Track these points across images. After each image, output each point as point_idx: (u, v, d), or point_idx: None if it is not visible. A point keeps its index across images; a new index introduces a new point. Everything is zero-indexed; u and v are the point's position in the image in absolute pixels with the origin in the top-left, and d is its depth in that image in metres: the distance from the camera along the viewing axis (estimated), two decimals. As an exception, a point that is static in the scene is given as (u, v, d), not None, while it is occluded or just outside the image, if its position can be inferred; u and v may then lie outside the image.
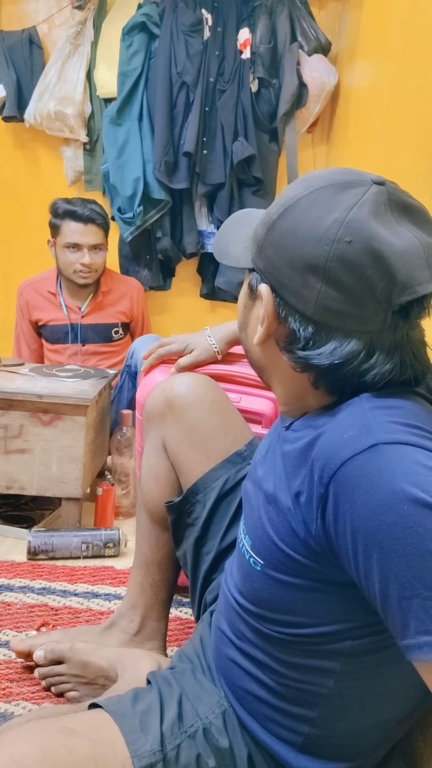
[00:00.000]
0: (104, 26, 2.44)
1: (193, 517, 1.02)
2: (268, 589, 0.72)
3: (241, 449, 1.03)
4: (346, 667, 0.70)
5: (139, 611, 1.12)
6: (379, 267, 0.63)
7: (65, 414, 1.61)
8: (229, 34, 2.31)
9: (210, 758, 0.75)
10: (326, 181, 0.66)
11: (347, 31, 2.31)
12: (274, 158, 2.44)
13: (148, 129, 2.37)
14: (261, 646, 0.76)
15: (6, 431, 1.62)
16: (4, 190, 2.67)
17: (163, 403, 1.06)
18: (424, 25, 1.36)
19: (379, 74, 1.78)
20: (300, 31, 2.33)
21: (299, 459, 0.68)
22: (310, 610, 0.69)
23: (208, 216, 2.48)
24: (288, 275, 0.67)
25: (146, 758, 0.71)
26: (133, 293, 2.35)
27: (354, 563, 0.60)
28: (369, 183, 0.65)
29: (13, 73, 2.45)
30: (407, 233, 0.64)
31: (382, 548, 0.57)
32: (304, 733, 0.74)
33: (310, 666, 0.71)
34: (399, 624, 0.57)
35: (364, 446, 0.59)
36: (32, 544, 1.53)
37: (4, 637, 1.25)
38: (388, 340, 0.66)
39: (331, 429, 0.64)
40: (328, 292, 0.64)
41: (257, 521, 0.74)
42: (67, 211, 2.15)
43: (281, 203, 0.68)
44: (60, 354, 2.30)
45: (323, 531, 0.63)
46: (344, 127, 2.25)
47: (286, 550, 0.68)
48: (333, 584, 0.66)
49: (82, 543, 1.55)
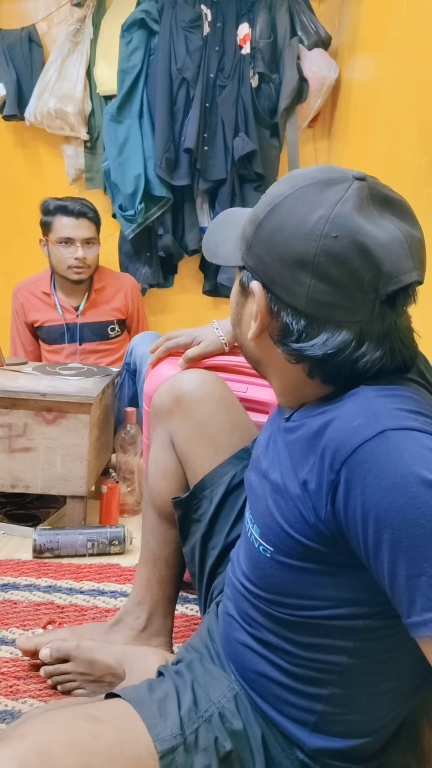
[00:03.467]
0: (103, 23, 2.43)
1: (200, 513, 1.02)
2: (279, 574, 0.73)
3: (247, 446, 1.04)
4: (359, 644, 0.71)
5: (146, 607, 1.12)
6: (365, 259, 0.65)
7: (69, 412, 1.61)
8: (229, 30, 2.31)
9: (226, 741, 0.76)
10: (310, 179, 0.69)
11: (347, 25, 2.30)
12: (276, 153, 2.43)
13: (149, 126, 2.37)
14: (272, 629, 0.77)
15: (10, 430, 1.63)
16: (5, 188, 2.67)
17: (172, 399, 1.07)
18: (424, 17, 1.36)
19: (380, 67, 1.77)
20: (300, 25, 2.32)
21: (306, 448, 0.70)
22: (321, 593, 0.71)
23: (210, 212, 2.48)
24: (278, 271, 0.69)
25: (168, 742, 0.73)
26: (126, 289, 2.34)
27: (364, 545, 0.62)
28: (351, 179, 0.68)
29: (13, 72, 2.45)
30: (390, 225, 0.66)
31: (392, 529, 0.59)
32: (318, 712, 0.75)
33: (322, 645, 0.73)
34: (406, 602, 0.59)
35: (373, 433, 0.62)
36: (38, 542, 1.54)
37: (11, 636, 1.25)
38: (377, 328, 0.69)
39: (340, 418, 0.66)
40: (318, 286, 0.67)
41: (265, 510, 0.75)
42: (58, 206, 2.15)
43: (267, 202, 0.71)
44: (58, 354, 2.29)
45: (333, 516, 0.65)
46: (345, 122, 2.25)
47: (296, 536, 0.70)
48: (343, 567, 0.68)
49: (88, 541, 1.55)
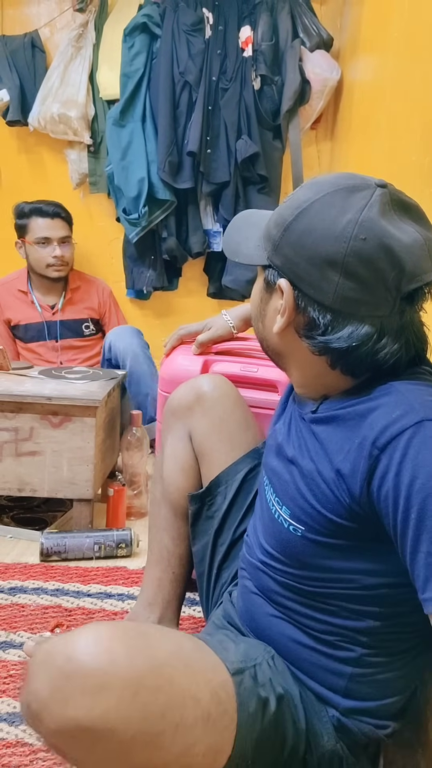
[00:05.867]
0: (106, 28, 2.44)
1: (214, 510, 1.07)
2: (309, 551, 0.79)
3: (258, 446, 1.09)
4: (384, 610, 0.77)
5: (157, 609, 1.12)
6: (390, 260, 0.72)
7: (75, 416, 1.61)
8: (231, 33, 2.31)
9: (278, 685, 0.80)
10: (335, 185, 0.75)
11: (349, 26, 2.30)
12: (278, 155, 2.44)
13: (152, 129, 2.37)
14: (300, 601, 0.82)
15: (17, 434, 1.63)
16: (10, 194, 2.68)
17: (192, 397, 1.13)
18: (425, 17, 1.36)
19: (382, 68, 1.78)
20: (301, 27, 2.32)
21: (342, 438, 0.76)
22: (348, 566, 0.77)
23: (214, 215, 2.48)
24: (307, 270, 0.75)
25: (235, 664, 0.79)
26: (99, 291, 2.46)
27: (393, 523, 0.69)
28: (373, 186, 0.74)
29: (16, 78, 2.46)
30: (410, 229, 0.73)
31: (420, 508, 0.66)
32: (347, 675, 0.80)
33: (349, 611, 0.78)
34: (422, 578, 0.65)
35: (412, 422, 0.68)
36: (45, 545, 1.54)
37: (19, 639, 1.26)
38: (396, 323, 0.75)
39: (379, 410, 0.73)
40: (346, 284, 0.73)
41: (296, 493, 0.81)
42: (33, 209, 2.27)
43: (295, 206, 0.77)
44: (34, 352, 2.34)
45: (368, 498, 0.71)
46: (348, 123, 2.25)
47: (329, 516, 0.76)
48: (371, 541, 0.74)
49: (95, 544, 1.55)
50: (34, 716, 0.67)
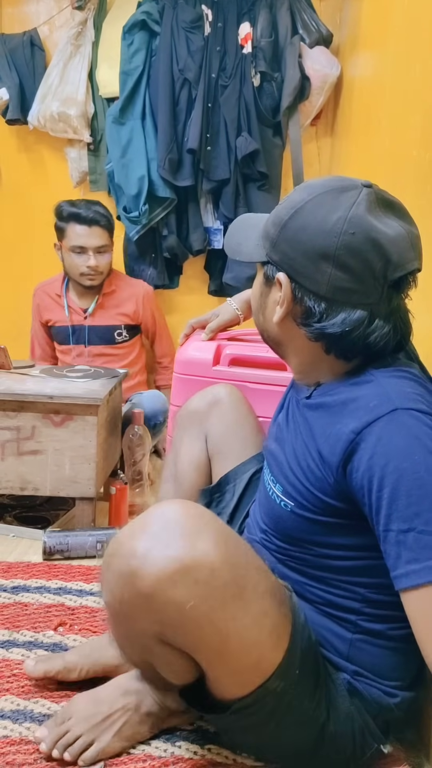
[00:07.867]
0: (105, 26, 2.43)
1: (222, 506, 1.15)
2: (297, 526, 0.88)
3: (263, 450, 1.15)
4: (373, 580, 0.84)
5: None
6: (378, 251, 0.80)
7: (76, 414, 1.61)
8: (230, 29, 2.30)
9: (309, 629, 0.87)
10: (325, 187, 0.84)
11: (349, 22, 2.30)
12: (279, 152, 2.43)
13: (152, 127, 2.37)
14: (297, 569, 0.91)
15: (18, 433, 1.63)
16: (10, 193, 2.68)
17: (210, 401, 1.24)
18: (426, 12, 1.35)
19: (382, 64, 1.77)
20: (301, 23, 2.31)
21: (326, 424, 0.84)
22: (334, 541, 0.85)
23: (214, 212, 2.48)
24: (302, 264, 0.83)
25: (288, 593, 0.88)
26: (138, 296, 2.33)
27: (369, 502, 0.76)
28: (360, 186, 0.82)
29: (16, 76, 2.45)
30: (394, 223, 0.81)
31: (392, 489, 0.73)
32: (348, 640, 0.88)
33: (339, 580, 0.87)
34: (393, 556, 0.72)
35: (386, 411, 0.77)
36: (47, 544, 1.54)
37: (22, 638, 1.26)
38: (385, 309, 0.83)
39: (358, 401, 0.81)
40: (338, 275, 0.81)
41: (288, 471, 0.90)
42: (71, 214, 2.16)
43: (290, 207, 0.85)
44: (66, 355, 2.32)
45: (344, 479, 0.79)
46: (348, 119, 2.24)
47: (316, 493, 0.84)
48: (355, 519, 0.81)
49: (97, 542, 1.56)
50: (128, 576, 0.75)
